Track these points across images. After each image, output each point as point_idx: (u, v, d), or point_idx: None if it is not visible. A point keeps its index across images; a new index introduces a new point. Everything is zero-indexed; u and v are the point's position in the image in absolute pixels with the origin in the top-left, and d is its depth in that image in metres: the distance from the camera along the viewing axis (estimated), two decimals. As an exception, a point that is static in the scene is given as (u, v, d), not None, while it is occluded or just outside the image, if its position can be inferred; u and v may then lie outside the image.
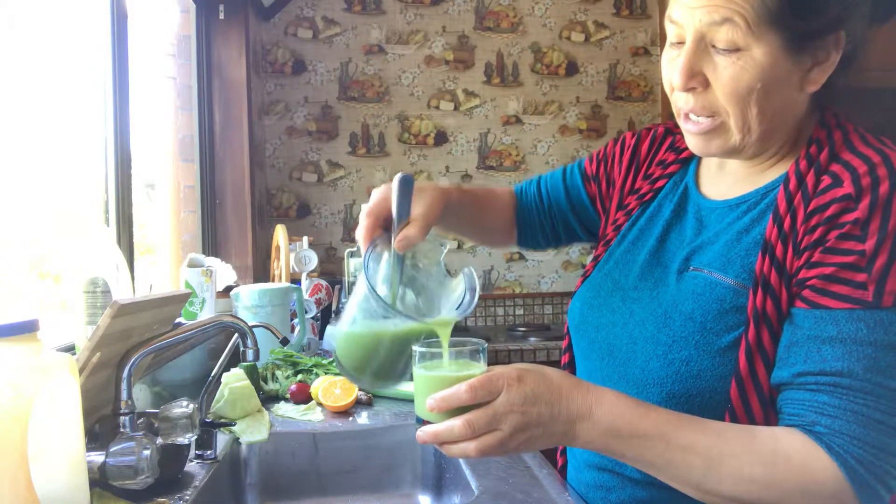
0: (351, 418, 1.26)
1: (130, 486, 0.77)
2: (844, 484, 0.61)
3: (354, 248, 1.79)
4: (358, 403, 1.34)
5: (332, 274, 2.72)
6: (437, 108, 2.94)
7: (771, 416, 0.70)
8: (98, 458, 0.76)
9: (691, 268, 0.77)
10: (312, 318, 2.00)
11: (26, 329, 0.60)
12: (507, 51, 2.98)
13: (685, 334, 0.73)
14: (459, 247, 2.96)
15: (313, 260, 2.08)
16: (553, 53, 3.00)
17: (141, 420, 0.90)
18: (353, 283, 1.75)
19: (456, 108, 2.95)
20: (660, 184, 0.89)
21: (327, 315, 2.02)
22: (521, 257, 2.97)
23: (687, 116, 0.76)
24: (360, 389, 1.36)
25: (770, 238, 0.70)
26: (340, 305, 1.87)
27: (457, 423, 0.63)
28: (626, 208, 0.92)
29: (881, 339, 0.63)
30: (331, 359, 1.53)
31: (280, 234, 2.04)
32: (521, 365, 0.69)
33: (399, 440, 1.21)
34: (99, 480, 0.76)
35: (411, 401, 1.36)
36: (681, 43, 0.74)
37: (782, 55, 0.70)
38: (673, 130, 0.94)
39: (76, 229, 1.29)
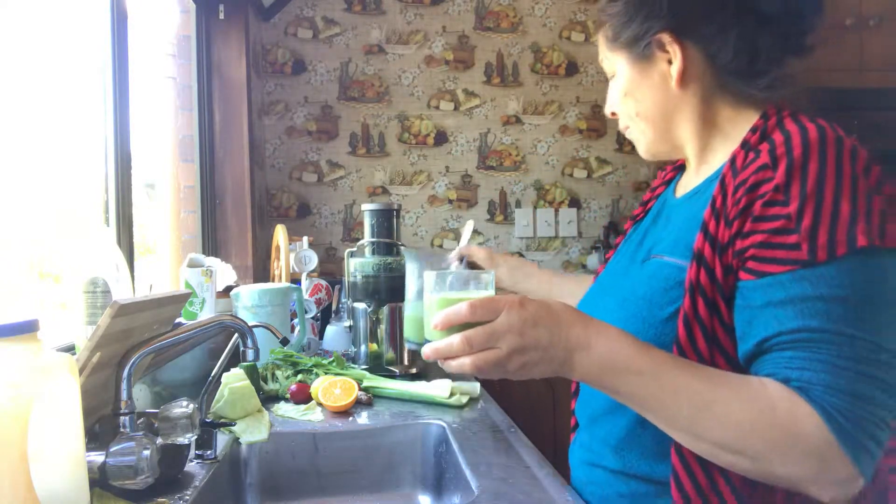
0: (351, 418, 1.26)
1: (130, 486, 0.77)
2: (828, 435, 0.62)
3: (354, 248, 1.79)
4: (358, 403, 1.34)
5: (332, 274, 2.72)
6: (437, 108, 2.94)
7: None
8: (98, 458, 0.76)
9: (651, 256, 0.84)
10: (312, 318, 2.00)
11: (26, 329, 0.60)
12: (507, 51, 2.98)
13: (635, 311, 0.80)
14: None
15: (313, 260, 2.08)
16: (553, 53, 3.00)
17: (141, 420, 0.90)
18: (353, 283, 1.75)
19: (456, 108, 2.95)
20: (650, 205, 1.01)
21: (327, 315, 2.02)
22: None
23: None
24: (360, 389, 1.36)
25: (705, 218, 0.75)
26: (340, 305, 1.87)
27: (456, 338, 0.67)
28: (635, 218, 1.04)
29: (827, 293, 0.65)
30: (331, 358, 1.53)
31: (280, 234, 2.04)
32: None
33: (399, 440, 1.21)
34: (99, 480, 0.76)
35: (411, 401, 1.36)
36: None
37: (632, 65, 0.87)
38: (662, 175, 1.06)
39: (76, 229, 1.29)
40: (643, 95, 0.87)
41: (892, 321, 0.65)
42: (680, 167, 0.99)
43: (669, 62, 0.84)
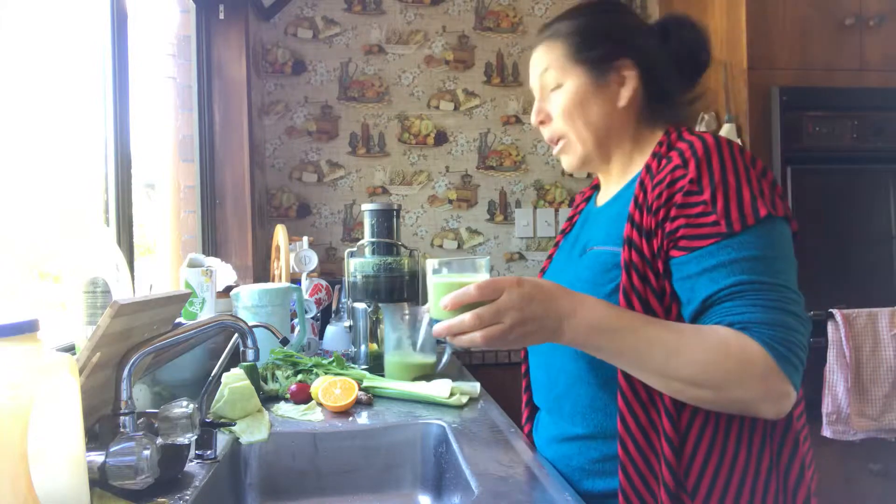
0: (351, 418, 1.26)
1: (130, 486, 0.77)
2: (770, 361, 0.78)
3: (354, 248, 1.79)
4: (358, 403, 1.34)
5: (332, 274, 2.72)
6: (437, 108, 2.94)
7: None
8: (98, 458, 0.76)
9: (587, 250, 0.99)
10: (312, 318, 2.00)
11: (26, 329, 0.60)
12: (507, 51, 2.98)
13: (583, 291, 0.90)
14: (459, 247, 2.96)
15: (313, 260, 2.08)
16: (553, 53, 2.99)
17: (141, 420, 0.90)
18: (353, 283, 1.75)
19: (456, 108, 2.95)
20: (580, 207, 1.19)
21: (327, 315, 2.02)
22: (521, 257, 2.97)
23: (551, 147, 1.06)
24: (360, 389, 1.36)
25: (630, 211, 0.91)
26: (340, 305, 1.87)
27: (467, 316, 0.78)
28: (564, 231, 1.20)
29: (747, 254, 0.82)
30: (331, 358, 1.53)
31: (280, 234, 2.04)
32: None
33: (399, 440, 1.21)
34: (99, 480, 0.76)
35: (411, 401, 1.37)
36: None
37: (588, 81, 0.99)
38: (581, 195, 1.24)
39: (76, 229, 1.29)
40: (592, 111, 1.00)
41: (790, 269, 0.84)
42: (595, 187, 1.16)
43: (619, 84, 1.00)
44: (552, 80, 1.03)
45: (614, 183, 1.05)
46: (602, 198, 1.10)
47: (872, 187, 2.27)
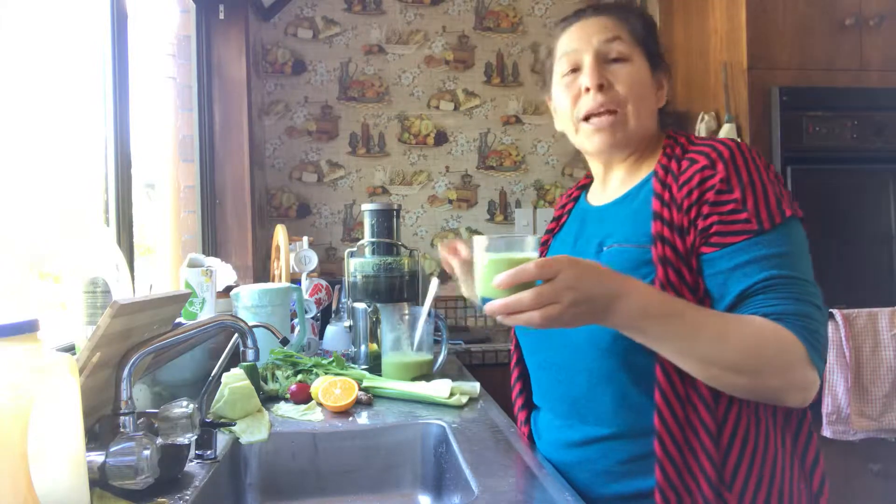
0: (351, 418, 1.26)
1: (130, 486, 0.77)
2: (802, 349, 0.82)
3: (354, 248, 1.79)
4: (358, 403, 1.34)
5: (332, 274, 2.72)
6: (437, 108, 2.94)
7: None
8: (98, 458, 0.76)
9: (605, 248, 0.99)
10: (312, 318, 2.00)
11: (26, 329, 0.60)
12: (507, 51, 2.98)
13: None
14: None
15: (313, 260, 2.08)
16: (553, 53, 3.00)
17: (141, 420, 0.90)
18: (353, 283, 1.75)
19: (456, 108, 2.95)
20: (568, 206, 1.19)
21: (327, 315, 2.02)
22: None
23: (589, 119, 1.01)
24: (360, 389, 1.36)
25: (657, 209, 0.93)
26: (340, 305, 1.87)
27: (526, 294, 0.76)
28: (551, 231, 1.20)
29: (776, 251, 0.87)
30: (331, 358, 1.53)
31: (280, 234, 2.04)
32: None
33: (399, 440, 1.21)
34: (99, 480, 0.76)
35: (411, 401, 1.37)
36: (575, 70, 1.02)
37: (647, 69, 1.02)
38: (569, 192, 1.24)
39: (76, 229, 1.29)
40: (648, 96, 1.03)
41: (809, 265, 0.89)
42: (582, 187, 1.18)
43: (659, 87, 1.05)
44: (618, 50, 1.00)
45: (618, 181, 1.07)
46: (601, 197, 1.10)
47: (872, 187, 2.27)
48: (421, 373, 1.50)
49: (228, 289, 1.75)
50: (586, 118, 1.01)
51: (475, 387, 1.40)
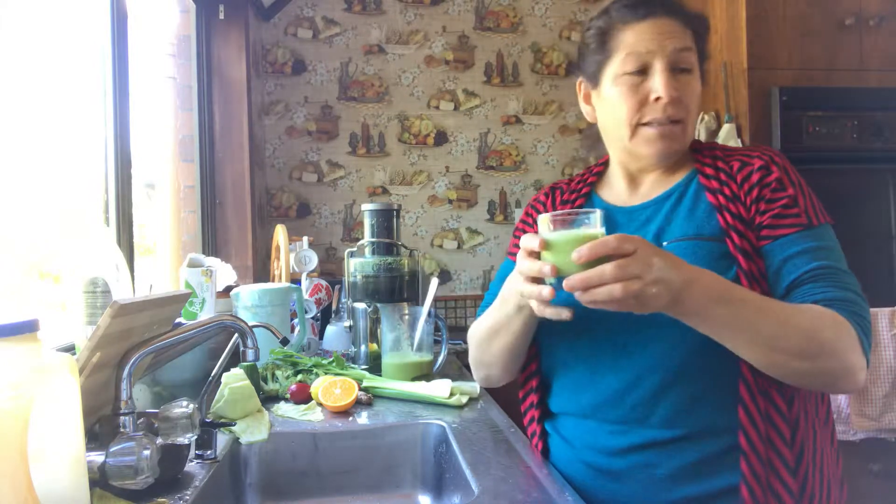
0: (351, 418, 1.26)
1: (130, 486, 0.77)
2: (856, 333, 0.85)
3: (354, 248, 1.79)
4: (358, 403, 1.34)
5: (332, 274, 2.72)
6: (437, 108, 2.94)
7: None
8: (98, 458, 0.76)
9: (666, 242, 0.97)
10: (312, 318, 2.00)
11: (26, 329, 0.60)
12: (507, 51, 2.98)
13: None
14: (459, 246, 2.96)
15: (313, 260, 2.08)
16: (553, 53, 3.00)
17: (141, 420, 0.90)
18: (353, 283, 1.75)
19: (456, 108, 2.95)
20: (579, 202, 1.12)
21: (327, 315, 2.02)
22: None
23: (653, 124, 0.98)
24: (360, 389, 1.36)
25: (719, 204, 0.96)
26: (340, 305, 1.87)
27: (608, 266, 0.75)
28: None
29: (823, 244, 0.92)
30: (331, 358, 1.53)
31: (280, 234, 2.04)
32: None
33: (399, 440, 1.21)
34: (99, 480, 0.76)
35: (411, 401, 1.37)
36: (641, 71, 0.97)
37: (699, 80, 1.01)
38: (556, 186, 1.20)
39: (76, 229, 1.28)
40: (699, 108, 1.03)
41: (846, 262, 0.94)
42: (590, 184, 1.14)
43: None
44: (688, 61, 0.98)
45: (651, 183, 1.06)
46: (628, 198, 1.07)
47: (872, 187, 2.27)
48: (421, 373, 1.50)
49: (228, 289, 1.75)
50: (648, 123, 0.98)
51: (475, 387, 1.40)
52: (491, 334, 1.05)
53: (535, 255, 0.84)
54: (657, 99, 0.96)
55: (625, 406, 0.95)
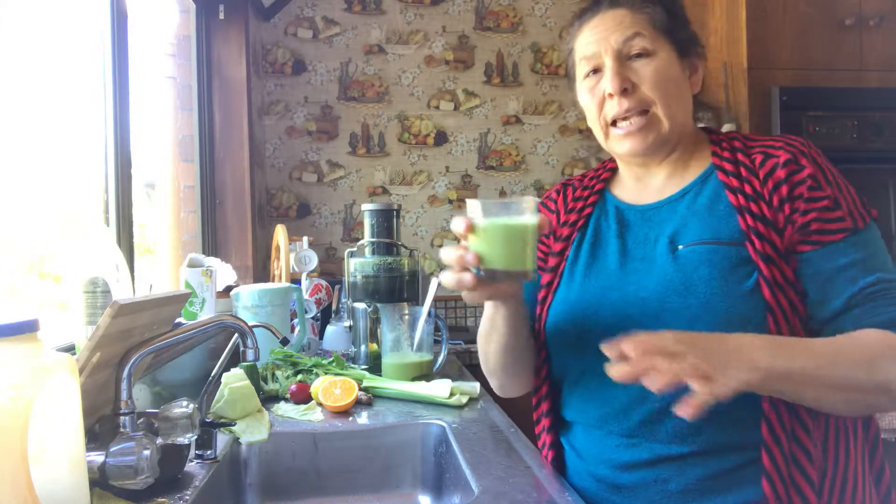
0: (351, 418, 1.26)
1: (130, 486, 0.77)
2: None
3: (354, 248, 1.79)
4: (358, 403, 1.34)
5: (332, 274, 2.72)
6: (437, 108, 2.94)
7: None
8: (98, 458, 0.76)
9: (681, 246, 0.91)
10: (312, 318, 2.00)
11: (26, 329, 0.60)
12: (507, 51, 2.98)
13: (714, 290, 0.86)
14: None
15: (313, 260, 2.08)
16: (553, 53, 3.00)
17: (141, 420, 0.90)
18: (353, 283, 1.75)
19: (456, 108, 2.95)
20: (587, 211, 1.06)
21: (327, 315, 2.02)
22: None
23: (616, 123, 0.95)
24: (360, 389, 1.36)
25: (739, 204, 0.89)
26: (340, 305, 1.87)
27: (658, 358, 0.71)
28: (561, 237, 1.07)
29: (873, 251, 0.86)
30: (331, 358, 1.53)
31: (280, 234, 2.04)
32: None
33: (399, 440, 1.21)
34: (99, 480, 0.76)
35: (411, 401, 1.36)
36: (596, 71, 0.96)
37: (675, 58, 0.95)
38: (568, 183, 1.15)
39: (76, 229, 1.28)
40: (680, 89, 0.95)
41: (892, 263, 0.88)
42: (603, 180, 1.09)
43: (692, 72, 0.98)
44: (640, 46, 0.93)
45: (662, 180, 1.00)
46: (640, 196, 1.02)
47: (872, 187, 2.27)
48: (421, 373, 1.50)
49: (228, 289, 1.75)
50: (614, 122, 0.95)
51: (475, 387, 1.40)
52: (486, 338, 1.03)
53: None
54: (611, 95, 0.93)
55: (632, 420, 0.90)
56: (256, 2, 2.63)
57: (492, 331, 1.01)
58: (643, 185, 1.02)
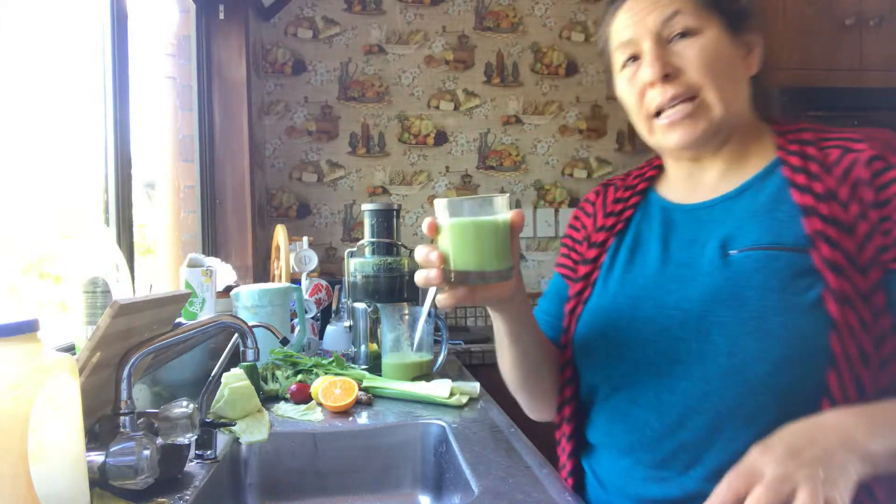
0: (351, 418, 1.26)
1: (130, 486, 0.77)
2: None
3: (354, 248, 1.79)
4: (358, 403, 1.34)
5: (332, 274, 2.72)
6: (437, 108, 2.94)
7: (873, 365, 0.72)
8: (98, 458, 0.76)
9: (734, 251, 0.80)
10: (312, 318, 2.00)
11: (26, 329, 0.60)
12: (507, 51, 2.98)
13: (769, 302, 0.75)
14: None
15: (313, 260, 2.08)
16: (553, 53, 3.00)
17: (141, 420, 0.90)
18: (353, 283, 1.75)
19: (456, 108, 2.95)
20: (627, 213, 0.95)
21: (327, 315, 2.01)
22: (521, 257, 2.97)
23: (661, 113, 0.84)
24: (360, 389, 1.36)
25: (806, 204, 0.77)
26: (340, 305, 1.87)
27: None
28: (596, 243, 0.96)
29: None
30: (331, 358, 1.53)
31: (280, 234, 2.04)
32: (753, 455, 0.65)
33: (399, 440, 1.21)
34: (99, 480, 0.76)
35: (411, 401, 1.36)
36: (634, 58, 0.86)
37: (726, 35, 0.83)
38: (609, 183, 1.04)
39: (76, 229, 1.29)
40: (733, 69, 0.84)
41: None
42: (648, 179, 0.98)
43: (748, 51, 0.86)
44: (682, 25, 0.82)
45: (716, 176, 0.89)
46: (690, 194, 0.91)
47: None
48: (421, 373, 1.50)
49: (228, 289, 1.75)
50: (658, 113, 0.85)
51: (475, 387, 1.40)
52: (498, 353, 0.96)
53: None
54: (652, 84, 0.83)
55: (663, 450, 0.80)
56: (256, 2, 2.63)
57: (500, 344, 0.94)
58: (694, 182, 0.91)
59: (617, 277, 0.92)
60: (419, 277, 0.76)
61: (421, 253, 0.76)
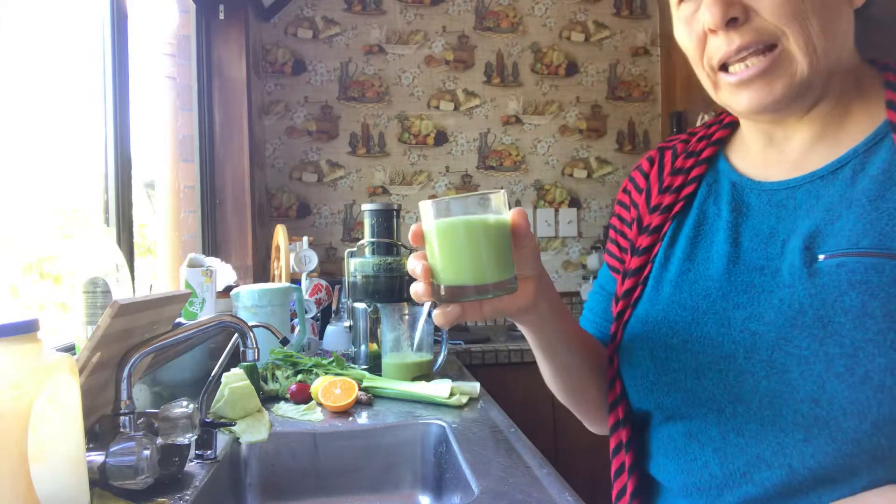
0: (351, 418, 1.26)
1: (130, 486, 0.77)
2: None
3: (354, 248, 1.79)
4: (358, 403, 1.34)
5: (332, 274, 2.72)
6: (437, 108, 2.94)
7: None
8: (98, 458, 0.76)
9: (823, 256, 0.60)
10: (312, 318, 2.00)
11: (26, 329, 0.60)
12: (507, 51, 2.98)
13: (870, 336, 0.55)
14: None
15: (313, 260, 2.08)
16: (553, 53, 3.00)
17: (141, 420, 0.90)
18: (353, 283, 1.75)
19: (456, 108, 2.95)
20: (688, 190, 0.75)
21: (327, 315, 2.02)
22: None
23: (728, 68, 0.64)
24: (360, 389, 1.36)
25: None
26: (340, 305, 1.87)
27: None
28: (648, 228, 0.76)
29: None
30: (331, 358, 1.53)
31: (280, 234, 2.04)
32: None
33: (399, 440, 1.21)
34: (99, 480, 0.76)
35: (411, 401, 1.36)
36: None
37: None
38: (667, 146, 0.82)
39: (76, 229, 1.29)
40: (827, 4, 0.61)
41: None
42: (717, 142, 0.76)
43: None
44: None
45: (803, 145, 0.68)
46: (770, 169, 0.70)
47: (872, 187, 2.27)
48: (421, 373, 1.50)
49: (228, 289, 1.75)
50: (724, 67, 0.64)
51: (475, 387, 1.40)
52: (539, 364, 0.79)
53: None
54: (712, 31, 0.63)
55: (725, 501, 0.64)
56: (256, 2, 2.63)
57: (536, 356, 0.77)
58: (775, 150, 0.70)
59: (672, 278, 0.72)
60: (412, 291, 0.63)
61: (410, 264, 0.62)
